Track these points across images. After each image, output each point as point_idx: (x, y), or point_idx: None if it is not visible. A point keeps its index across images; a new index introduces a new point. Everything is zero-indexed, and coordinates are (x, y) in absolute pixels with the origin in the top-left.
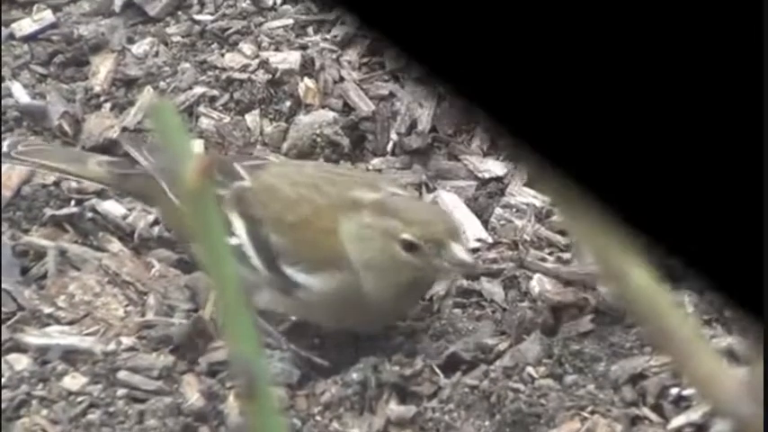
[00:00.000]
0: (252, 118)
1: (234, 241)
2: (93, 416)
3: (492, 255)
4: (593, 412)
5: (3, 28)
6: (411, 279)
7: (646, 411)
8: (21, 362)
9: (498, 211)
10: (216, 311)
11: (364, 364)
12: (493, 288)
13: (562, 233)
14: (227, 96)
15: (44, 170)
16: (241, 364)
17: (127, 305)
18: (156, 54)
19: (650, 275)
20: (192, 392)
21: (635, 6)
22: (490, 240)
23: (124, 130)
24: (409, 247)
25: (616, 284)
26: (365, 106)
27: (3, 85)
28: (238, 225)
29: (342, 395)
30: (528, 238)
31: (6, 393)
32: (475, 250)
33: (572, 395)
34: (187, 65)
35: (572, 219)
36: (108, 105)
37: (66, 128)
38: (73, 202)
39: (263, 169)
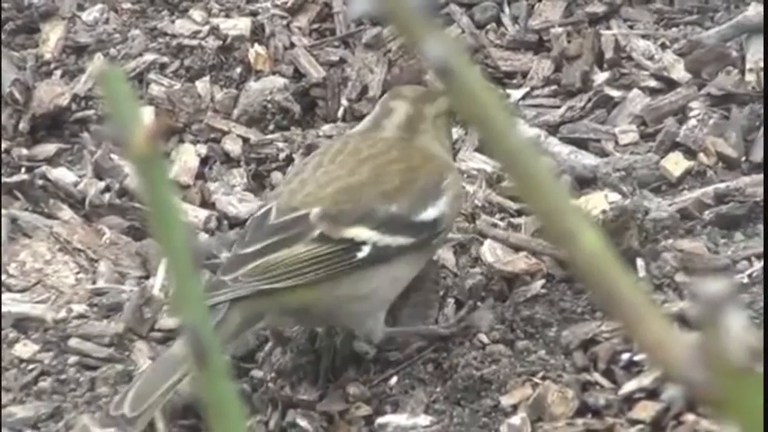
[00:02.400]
0: (202, 84)
1: (365, 251)
2: (45, 383)
3: None
4: (544, 378)
5: None
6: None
7: (597, 377)
8: None
9: None
10: (167, 279)
11: (318, 332)
12: (444, 254)
13: (513, 198)
14: (177, 63)
15: None
16: (191, 331)
17: (78, 272)
18: (107, 21)
19: (601, 240)
20: (143, 359)
21: None
22: None
23: (74, 97)
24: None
25: (567, 249)
26: (315, 72)
27: None
28: (361, 233)
29: (296, 363)
30: (479, 204)
31: None
32: None
33: (523, 361)
34: (137, 32)
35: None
36: (58, 73)
37: (17, 95)
38: (23, 170)
39: (291, 200)
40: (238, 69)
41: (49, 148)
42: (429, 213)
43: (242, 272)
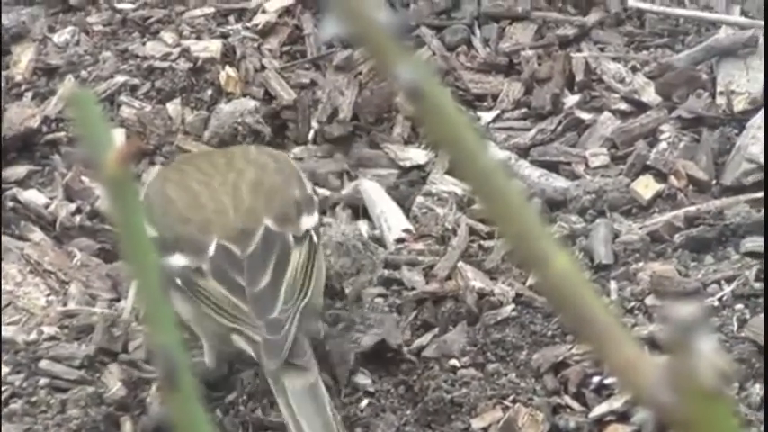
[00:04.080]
0: (173, 107)
1: (314, 237)
2: (16, 405)
3: (419, 246)
4: (514, 401)
5: None
6: None
7: (567, 400)
8: None
9: (420, 199)
10: (138, 301)
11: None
12: (413, 277)
13: (483, 221)
14: (148, 85)
15: None
16: (162, 354)
17: (48, 294)
18: (78, 43)
19: (572, 262)
20: (114, 382)
21: None
22: (413, 230)
23: (45, 119)
24: None
25: (537, 272)
26: (286, 95)
27: None
28: (305, 222)
29: (267, 386)
30: (449, 227)
31: None
32: (400, 240)
33: (494, 384)
34: (108, 54)
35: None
36: (29, 95)
37: None
38: None
39: (236, 217)
40: (209, 91)
41: (20, 170)
42: (308, 185)
43: (280, 302)
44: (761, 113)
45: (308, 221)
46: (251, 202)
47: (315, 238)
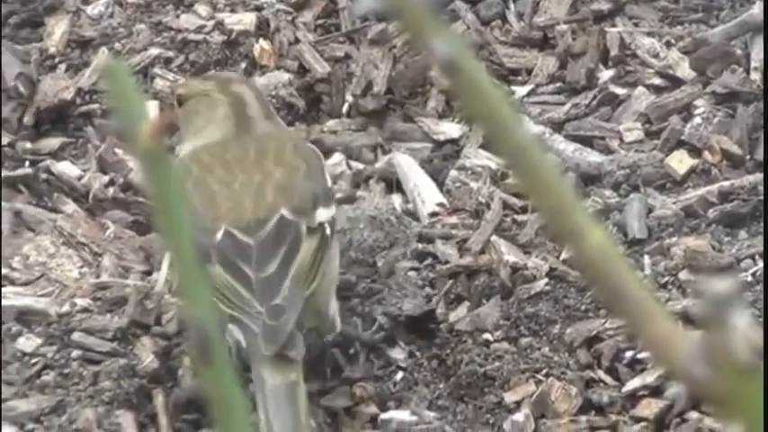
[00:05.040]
0: None
1: (327, 229)
2: (48, 377)
3: (453, 220)
4: (547, 375)
5: None
6: None
7: (600, 374)
8: None
9: (453, 173)
10: (172, 274)
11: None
12: (447, 251)
13: (517, 195)
14: (182, 58)
15: None
16: (196, 326)
17: (81, 266)
18: (112, 15)
19: (607, 236)
20: (147, 354)
21: None
22: (447, 204)
23: (79, 91)
24: None
25: (572, 246)
26: (320, 68)
27: None
28: (320, 215)
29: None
30: (483, 201)
31: None
32: (434, 214)
33: (527, 358)
34: (142, 26)
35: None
36: (63, 67)
37: (22, 89)
38: (27, 164)
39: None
40: (243, 64)
41: (54, 142)
42: (328, 179)
43: (285, 289)
44: None
45: (324, 214)
46: (270, 194)
47: (328, 231)
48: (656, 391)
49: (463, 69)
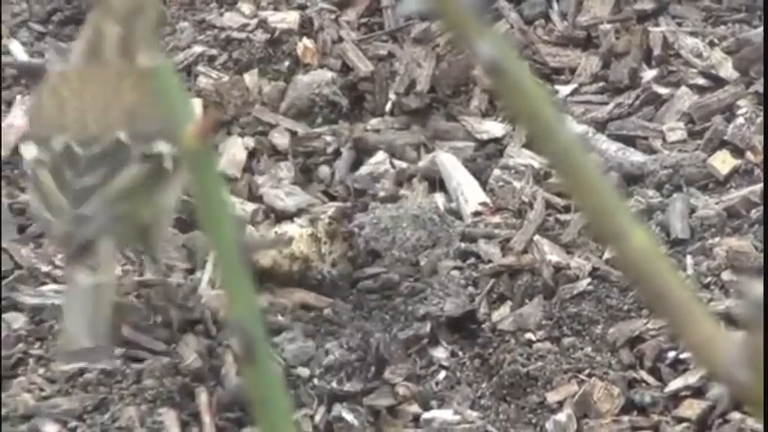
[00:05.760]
0: (250, 77)
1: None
2: (91, 375)
3: (496, 219)
4: (590, 375)
5: None
6: None
7: (643, 374)
8: (18, 320)
9: (497, 172)
10: (215, 272)
11: (366, 328)
12: (490, 250)
13: (560, 195)
14: (225, 56)
15: None
16: (239, 326)
17: (124, 264)
18: None
19: (650, 237)
20: (190, 353)
21: None
22: (490, 203)
23: None
24: None
25: (615, 246)
26: (364, 66)
27: (1, 42)
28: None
29: (344, 359)
30: (526, 200)
31: (3, 352)
32: (477, 214)
33: (569, 358)
34: (186, 24)
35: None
36: None
37: None
38: None
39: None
40: (286, 62)
41: None
42: None
43: (97, 202)
44: None
45: (166, 147)
46: (114, 116)
47: (168, 164)
48: (698, 391)
49: (507, 70)
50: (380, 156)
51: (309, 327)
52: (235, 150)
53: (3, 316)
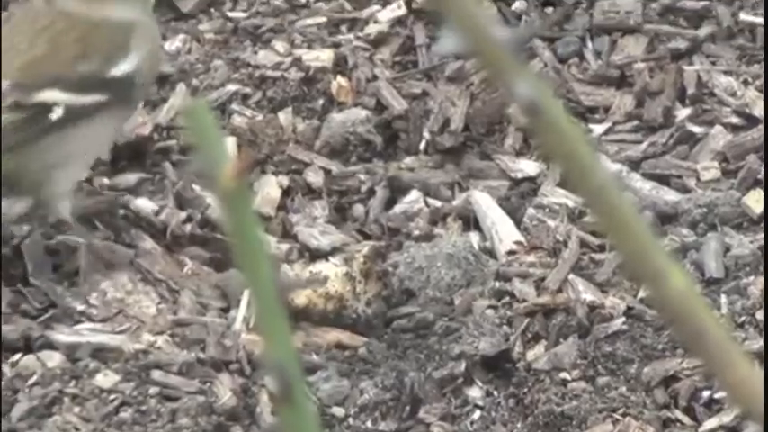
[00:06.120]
0: (285, 116)
1: (58, 112)
2: (126, 414)
3: (530, 258)
4: (624, 414)
5: None
6: None
7: (677, 414)
8: (53, 359)
9: (531, 211)
10: (249, 311)
11: (401, 368)
12: (525, 289)
13: (595, 234)
14: (259, 94)
15: None
16: (276, 365)
17: (159, 303)
18: (189, 51)
19: (686, 277)
20: (225, 391)
21: None
22: (524, 242)
23: (156, 127)
24: None
25: (652, 286)
26: (398, 105)
27: None
28: (51, 95)
29: (378, 399)
30: (560, 239)
31: (38, 390)
32: (511, 252)
33: (604, 397)
34: (220, 62)
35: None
36: (141, 102)
37: None
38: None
39: None
40: (321, 101)
41: (131, 178)
42: (120, 68)
43: None
44: None
45: (57, 96)
46: (10, 63)
47: (53, 114)
48: (732, 431)
49: (544, 109)
50: (415, 194)
51: (344, 366)
52: (269, 189)
53: (38, 354)
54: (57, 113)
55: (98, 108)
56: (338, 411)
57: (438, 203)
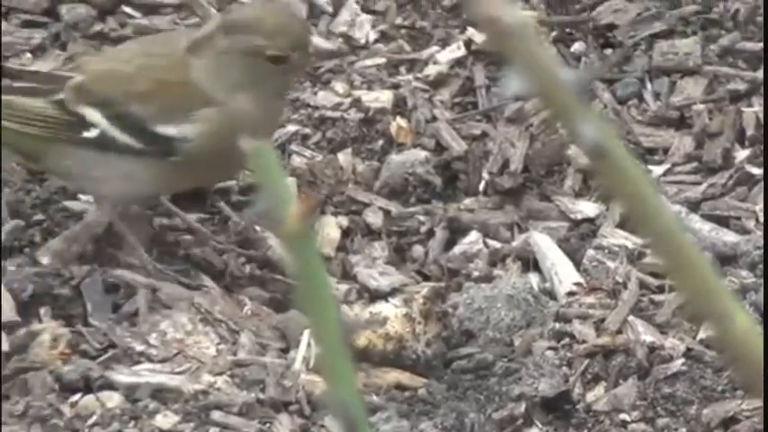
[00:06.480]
0: (344, 156)
1: (92, 133)
2: None
3: (590, 299)
4: None
5: None
6: (283, 83)
7: None
8: (112, 399)
9: (590, 252)
10: (310, 352)
11: (461, 409)
12: (584, 330)
13: (654, 275)
14: (319, 135)
15: None
16: (339, 406)
17: (219, 343)
18: None
19: (749, 318)
20: (285, 431)
21: None
22: (584, 283)
23: None
24: (277, 59)
25: (717, 327)
26: (457, 146)
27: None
28: (93, 115)
29: None
30: (620, 281)
31: (98, 431)
32: (571, 293)
33: None
34: None
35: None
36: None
37: None
38: (165, 239)
39: (83, 65)
40: (380, 142)
41: (191, 218)
42: (167, 129)
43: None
44: None
45: (105, 124)
46: (107, 65)
47: (89, 135)
48: None
49: (609, 151)
50: (474, 235)
51: (404, 407)
52: (329, 229)
53: (98, 395)
54: (92, 133)
55: (131, 150)
56: None
57: (497, 244)
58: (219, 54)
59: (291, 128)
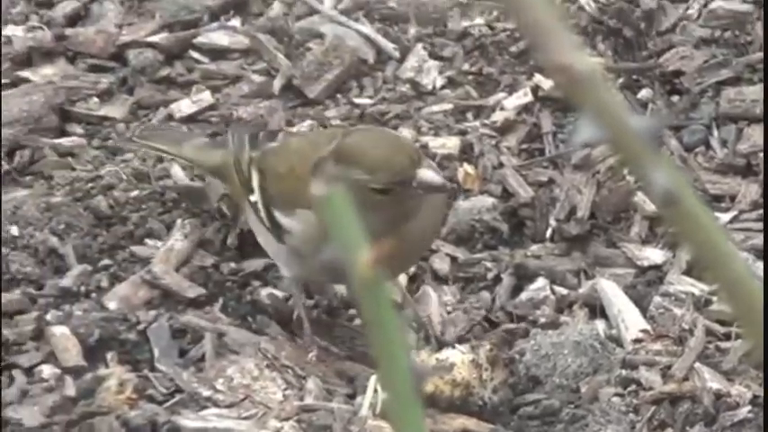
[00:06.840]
0: None
1: (252, 198)
2: None
3: (656, 346)
4: None
5: (162, 108)
6: (394, 213)
7: None
8: None
9: (657, 299)
10: (377, 398)
11: None
12: (651, 377)
13: (721, 322)
14: None
15: (151, 150)
16: None
17: (285, 389)
18: None
19: None
20: None
21: None
22: (651, 330)
23: None
24: (381, 192)
25: None
26: (524, 192)
27: (161, 166)
28: (254, 180)
29: None
30: (687, 327)
31: None
32: (638, 341)
33: None
34: None
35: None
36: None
37: (225, 210)
38: (231, 284)
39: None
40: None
41: (257, 263)
42: (281, 219)
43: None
44: None
45: (256, 197)
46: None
47: (252, 199)
48: None
49: (681, 199)
50: (541, 282)
51: None
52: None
53: None
54: (251, 200)
55: (263, 226)
56: None
57: (564, 291)
58: (330, 179)
59: None
